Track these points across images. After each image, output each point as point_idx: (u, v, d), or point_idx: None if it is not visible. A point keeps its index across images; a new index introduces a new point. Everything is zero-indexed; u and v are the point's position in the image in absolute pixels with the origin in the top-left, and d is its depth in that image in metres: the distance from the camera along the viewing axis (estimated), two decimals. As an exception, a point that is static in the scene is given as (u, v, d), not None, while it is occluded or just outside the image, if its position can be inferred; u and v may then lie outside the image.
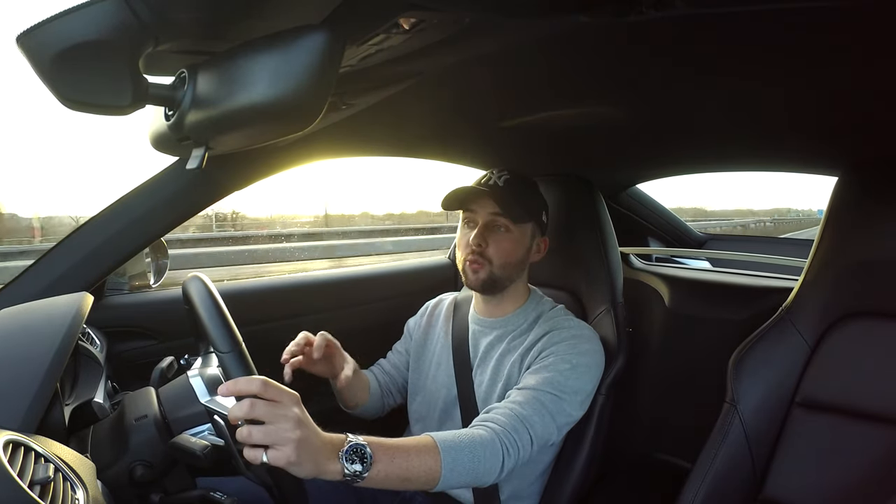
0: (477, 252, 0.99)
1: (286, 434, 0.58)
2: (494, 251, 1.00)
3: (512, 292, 1.05)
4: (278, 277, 1.48)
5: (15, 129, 23.24)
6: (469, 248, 1.00)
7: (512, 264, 1.01)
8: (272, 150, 1.06)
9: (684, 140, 1.20)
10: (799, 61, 0.69)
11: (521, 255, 1.03)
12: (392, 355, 1.21)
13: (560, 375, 0.90)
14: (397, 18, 0.56)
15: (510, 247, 1.00)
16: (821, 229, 0.96)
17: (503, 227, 1.00)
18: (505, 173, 1.02)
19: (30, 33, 0.50)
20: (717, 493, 0.91)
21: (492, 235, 1.00)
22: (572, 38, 0.66)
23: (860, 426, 0.86)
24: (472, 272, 1.01)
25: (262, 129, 0.58)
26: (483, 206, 1.01)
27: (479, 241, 0.99)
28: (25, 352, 0.67)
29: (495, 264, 1.00)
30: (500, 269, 1.00)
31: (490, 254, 0.99)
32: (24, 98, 28.25)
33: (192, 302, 0.69)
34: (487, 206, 1.00)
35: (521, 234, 1.02)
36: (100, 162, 33.05)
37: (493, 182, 1.01)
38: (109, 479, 0.68)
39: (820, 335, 0.92)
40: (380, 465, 0.66)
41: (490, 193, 0.99)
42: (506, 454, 0.80)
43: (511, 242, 1.01)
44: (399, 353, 1.21)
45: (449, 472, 0.73)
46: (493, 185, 1.00)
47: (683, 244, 1.93)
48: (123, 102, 0.55)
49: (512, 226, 1.00)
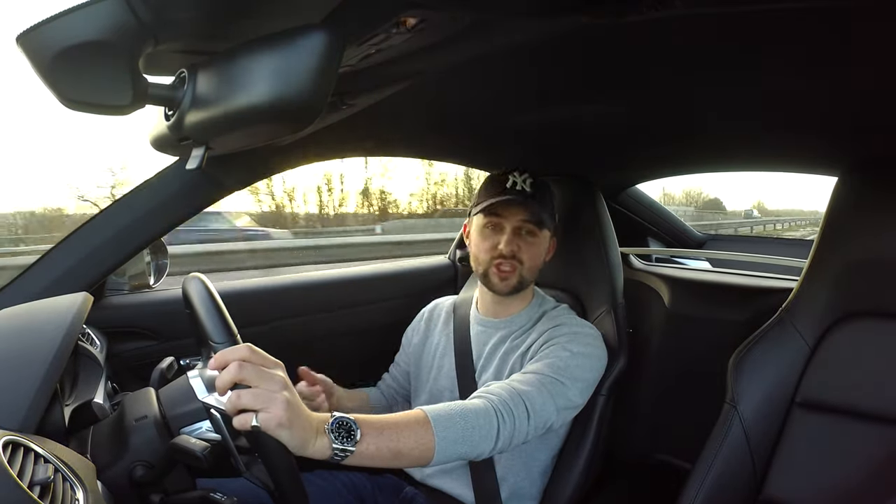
0: (509, 257, 1.00)
1: (275, 395, 0.58)
2: (527, 254, 1.01)
3: (522, 293, 1.06)
4: (278, 277, 1.47)
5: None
6: (497, 252, 1.00)
7: (538, 267, 1.04)
8: (272, 150, 1.06)
9: (684, 140, 1.20)
10: (799, 61, 0.69)
11: (544, 258, 1.05)
12: (394, 368, 1.22)
13: (560, 361, 0.91)
14: (397, 18, 0.56)
15: (538, 251, 1.03)
16: (821, 229, 0.96)
17: (531, 232, 1.01)
18: (528, 176, 1.02)
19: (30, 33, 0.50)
20: (717, 494, 0.90)
21: (521, 240, 1.01)
22: (572, 38, 0.66)
23: (860, 426, 0.86)
24: (499, 277, 1.01)
25: (262, 129, 0.58)
26: (513, 213, 1.01)
27: (513, 248, 1.00)
28: (25, 352, 0.67)
29: (526, 267, 1.01)
30: (528, 273, 1.02)
31: (522, 257, 1.01)
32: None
33: (191, 301, 0.69)
34: (518, 213, 1.00)
35: (545, 239, 1.04)
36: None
37: (521, 188, 1.00)
38: (109, 480, 0.68)
39: (820, 335, 0.92)
40: (369, 439, 0.65)
41: (521, 202, 0.99)
42: (500, 421, 0.79)
43: (538, 247, 1.03)
44: (399, 366, 1.21)
45: (442, 442, 0.72)
46: (520, 191, 1.00)
47: (683, 244, 1.93)
48: (123, 102, 0.55)
49: (538, 231, 1.02)
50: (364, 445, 0.65)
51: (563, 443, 1.05)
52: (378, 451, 0.67)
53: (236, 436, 0.68)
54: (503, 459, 1.00)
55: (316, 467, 1.00)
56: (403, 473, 1.11)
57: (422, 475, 1.07)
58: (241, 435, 0.67)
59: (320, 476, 1.05)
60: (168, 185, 1.01)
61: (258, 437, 0.60)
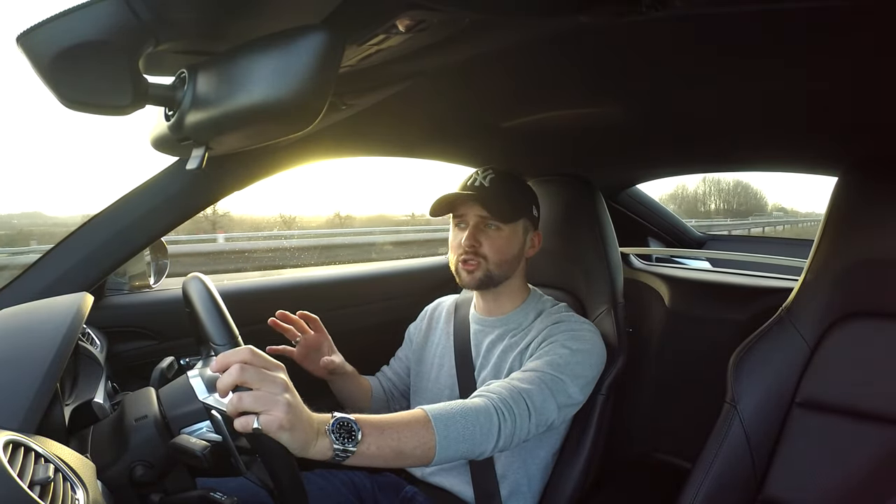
0: (470, 252, 1.00)
1: (276, 397, 0.58)
2: (489, 248, 1.00)
3: (510, 289, 1.06)
4: (278, 277, 1.48)
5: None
6: (461, 249, 1.01)
7: (507, 261, 1.02)
8: (272, 150, 1.06)
9: (684, 140, 1.20)
10: (798, 61, 0.69)
11: (516, 252, 1.04)
12: (394, 362, 1.22)
13: (560, 358, 0.91)
14: (397, 18, 0.55)
15: (504, 244, 1.01)
16: (821, 229, 0.96)
17: (494, 225, 1.01)
18: (490, 172, 1.02)
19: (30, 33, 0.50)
20: (717, 494, 0.91)
21: (483, 234, 1.01)
22: (572, 38, 0.66)
23: (860, 426, 0.86)
24: (466, 272, 1.01)
25: (262, 129, 0.58)
26: (471, 208, 1.01)
27: (472, 242, 1.00)
28: (25, 352, 0.67)
29: (491, 261, 1.00)
30: (496, 267, 1.01)
31: (484, 251, 1.00)
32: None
33: (191, 300, 0.69)
34: (475, 208, 1.00)
35: (513, 232, 1.03)
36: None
37: (479, 183, 1.00)
38: (109, 480, 0.68)
39: (820, 335, 0.92)
40: (370, 439, 0.65)
41: (476, 197, 0.99)
42: (501, 419, 0.79)
43: (504, 240, 1.01)
44: (400, 360, 1.21)
45: (444, 441, 0.72)
46: (478, 186, 1.00)
47: (683, 244, 1.93)
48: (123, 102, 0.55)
49: (502, 224, 1.01)
50: (365, 446, 0.65)
51: (564, 441, 1.05)
52: (379, 451, 0.67)
53: (236, 436, 0.68)
54: (503, 458, 1.00)
55: (316, 466, 1.00)
56: (403, 471, 1.11)
57: (422, 473, 1.07)
58: (241, 435, 0.67)
59: (320, 475, 1.05)
60: (168, 185, 1.01)
61: (259, 439, 0.60)
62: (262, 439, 0.60)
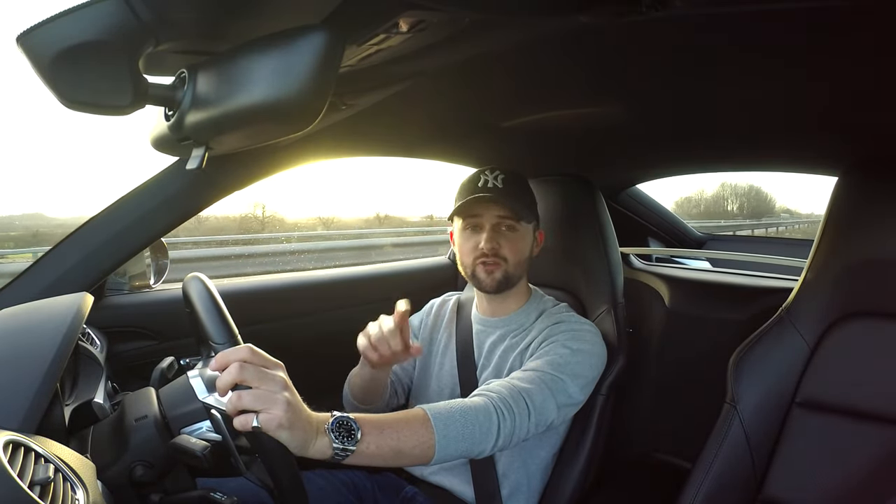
0: (491, 254, 1.00)
1: (275, 395, 0.58)
2: (508, 250, 1.01)
3: (516, 290, 1.06)
4: (278, 277, 1.47)
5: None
6: (479, 252, 1.00)
7: (523, 261, 1.04)
8: (272, 150, 1.06)
9: (684, 140, 1.20)
10: (798, 61, 0.69)
11: (529, 251, 1.05)
12: None
13: (560, 358, 0.91)
14: (397, 18, 0.55)
15: (521, 244, 1.02)
16: (821, 229, 0.96)
17: (510, 227, 1.01)
18: (499, 172, 1.02)
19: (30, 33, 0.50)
20: (717, 494, 0.91)
21: (501, 236, 1.01)
22: (572, 37, 0.66)
23: (860, 426, 0.86)
24: (486, 274, 1.01)
25: (262, 129, 0.58)
26: (488, 209, 1.01)
27: (493, 245, 1.00)
28: (25, 352, 0.67)
29: (510, 263, 1.01)
30: (514, 268, 1.02)
31: (504, 253, 1.00)
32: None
33: (191, 300, 0.69)
34: (493, 209, 1.00)
35: (527, 232, 1.04)
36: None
37: (493, 185, 1.01)
38: (109, 480, 0.68)
39: (820, 335, 0.92)
40: (369, 438, 0.66)
41: (495, 199, 0.99)
42: (501, 418, 0.79)
43: (520, 240, 1.02)
44: None
45: (443, 440, 0.72)
46: (493, 188, 1.00)
47: (683, 244, 1.93)
48: (123, 102, 0.55)
49: (517, 224, 1.02)
50: (364, 445, 0.65)
51: (564, 441, 1.05)
52: (379, 450, 0.67)
53: (236, 436, 0.68)
54: (504, 457, 1.00)
55: (315, 466, 1.00)
56: (404, 471, 1.11)
57: (422, 473, 1.07)
58: (241, 435, 0.67)
59: (320, 475, 1.05)
60: (168, 185, 1.01)
61: (259, 437, 0.60)
62: (261, 438, 0.60)
